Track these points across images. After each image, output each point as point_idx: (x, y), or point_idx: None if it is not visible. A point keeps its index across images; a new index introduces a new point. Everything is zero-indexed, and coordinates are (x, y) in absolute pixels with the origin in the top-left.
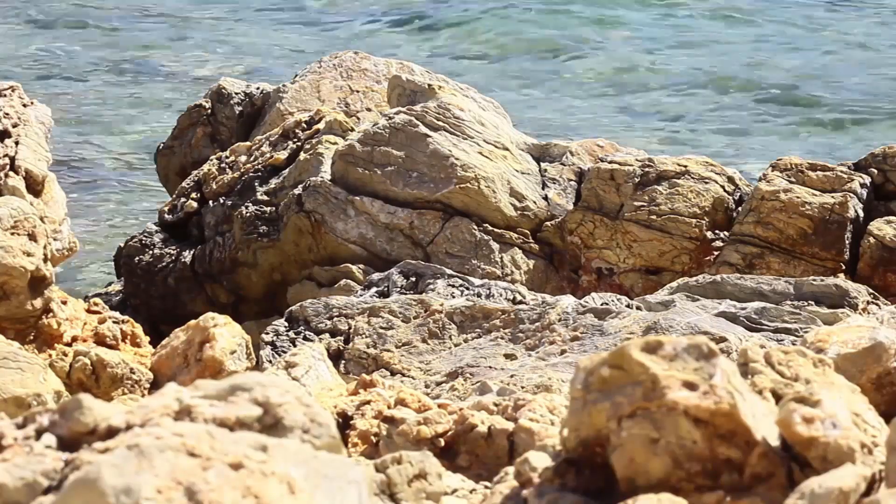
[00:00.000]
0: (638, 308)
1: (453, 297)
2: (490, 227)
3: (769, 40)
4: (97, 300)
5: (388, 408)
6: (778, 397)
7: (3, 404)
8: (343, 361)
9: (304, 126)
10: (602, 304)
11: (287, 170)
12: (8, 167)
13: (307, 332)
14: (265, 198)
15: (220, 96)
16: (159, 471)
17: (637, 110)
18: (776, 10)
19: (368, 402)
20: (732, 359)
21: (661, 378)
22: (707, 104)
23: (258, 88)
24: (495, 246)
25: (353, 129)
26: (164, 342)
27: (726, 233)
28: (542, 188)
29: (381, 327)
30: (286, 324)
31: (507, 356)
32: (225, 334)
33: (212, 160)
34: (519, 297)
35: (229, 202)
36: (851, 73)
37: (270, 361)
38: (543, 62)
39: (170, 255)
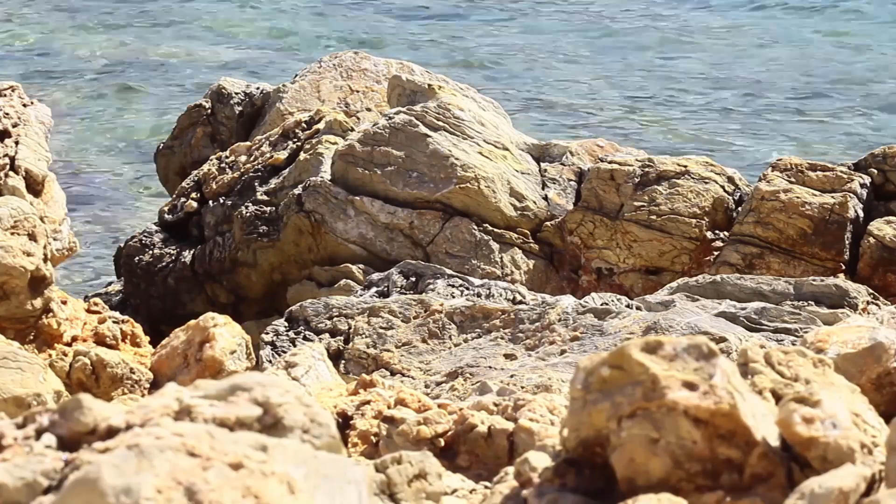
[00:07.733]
0: (638, 308)
1: (453, 297)
2: (490, 227)
3: None
4: (97, 300)
5: (388, 408)
6: (778, 397)
7: (3, 404)
8: (343, 361)
9: (304, 126)
10: (602, 304)
11: (287, 170)
12: (8, 167)
13: (307, 332)
14: (265, 198)
15: (220, 96)
16: (159, 471)
17: None
18: None
19: (368, 402)
20: (732, 359)
21: (661, 378)
22: None
23: (258, 88)
24: (495, 246)
25: (353, 129)
26: (164, 342)
27: (726, 233)
28: (542, 188)
29: (381, 327)
30: (286, 324)
31: (507, 356)
32: (225, 334)
33: (212, 160)
34: (519, 297)
35: (229, 202)
36: None
37: (270, 361)
38: None
39: (170, 255)
